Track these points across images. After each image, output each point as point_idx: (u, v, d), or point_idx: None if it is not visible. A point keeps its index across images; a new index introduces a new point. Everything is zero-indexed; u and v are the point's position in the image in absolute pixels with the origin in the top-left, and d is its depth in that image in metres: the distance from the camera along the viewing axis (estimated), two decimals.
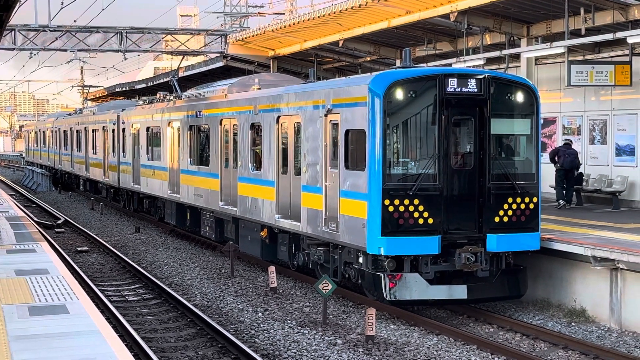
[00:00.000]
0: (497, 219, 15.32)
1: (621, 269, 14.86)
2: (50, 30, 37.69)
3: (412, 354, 13.15)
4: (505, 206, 15.38)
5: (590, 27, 21.71)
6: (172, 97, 28.83)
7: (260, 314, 15.93)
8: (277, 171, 18.84)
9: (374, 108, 14.82)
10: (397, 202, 14.73)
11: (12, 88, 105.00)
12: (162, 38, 40.95)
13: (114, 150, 34.66)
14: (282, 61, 36.50)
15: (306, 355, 13.03)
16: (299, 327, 14.82)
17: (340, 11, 26.72)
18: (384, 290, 14.76)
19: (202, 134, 24.26)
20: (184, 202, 25.40)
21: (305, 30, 30.78)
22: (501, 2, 21.89)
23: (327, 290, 14.90)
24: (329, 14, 27.41)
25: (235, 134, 21.39)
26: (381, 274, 14.81)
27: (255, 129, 20.16)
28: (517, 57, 24.64)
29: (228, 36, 37.98)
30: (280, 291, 18.02)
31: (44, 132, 56.78)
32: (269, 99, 19.32)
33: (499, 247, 15.23)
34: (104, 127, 36.70)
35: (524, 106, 15.73)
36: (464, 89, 15.14)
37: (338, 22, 28.26)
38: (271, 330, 14.62)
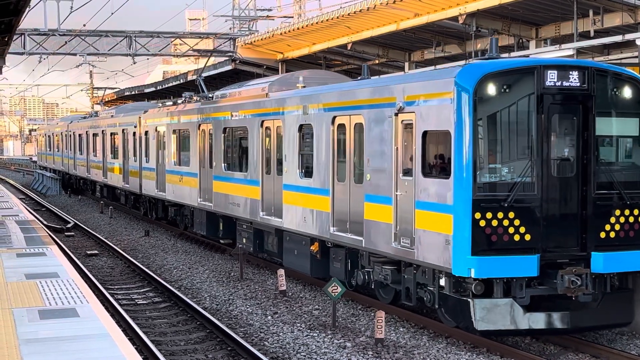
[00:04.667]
0: (603, 235, 13.20)
1: None
2: (59, 34, 37.91)
3: (421, 357, 13.13)
4: (612, 219, 13.28)
5: (599, 29, 21.70)
6: (198, 98, 27.11)
7: (269, 317, 15.94)
8: (333, 178, 16.81)
9: (461, 105, 12.73)
10: (489, 215, 12.63)
11: (22, 92, 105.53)
12: (171, 42, 41.12)
13: (134, 155, 32.78)
14: (290, 64, 36.51)
15: (315, 358, 13.02)
16: (309, 330, 14.82)
17: (348, 14, 26.77)
18: (473, 318, 12.81)
19: (238, 137, 22.10)
20: (216, 211, 23.35)
21: (314, 34, 30.84)
22: (510, 4, 21.89)
23: (336, 293, 14.88)
24: (338, 17, 27.45)
25: (279, 137, 19.31)
26: (470, 300, 12.85)
27: (305, 130, 18.15)
28: None
29: (237, 40, 38.08)
30: (290, 294, 18.02)
31: (57, 135, 54.70)
32: (323, 97, 17.25)
33: (606, 268, 12.98)
34: (123, 130, 34.93)
35: (632, 103, 13.57)
36: (565, 83, 13.07)
37: (347, 25, 28.29)
38: (280, 333, 14.63)
